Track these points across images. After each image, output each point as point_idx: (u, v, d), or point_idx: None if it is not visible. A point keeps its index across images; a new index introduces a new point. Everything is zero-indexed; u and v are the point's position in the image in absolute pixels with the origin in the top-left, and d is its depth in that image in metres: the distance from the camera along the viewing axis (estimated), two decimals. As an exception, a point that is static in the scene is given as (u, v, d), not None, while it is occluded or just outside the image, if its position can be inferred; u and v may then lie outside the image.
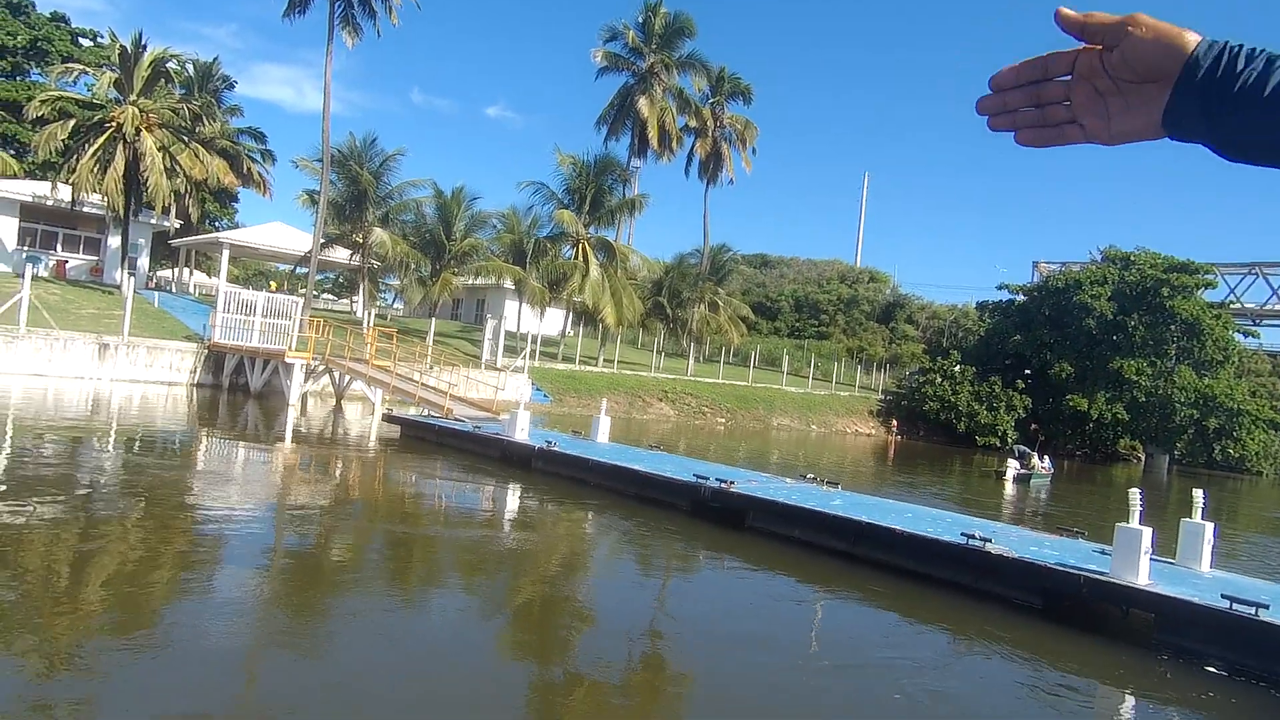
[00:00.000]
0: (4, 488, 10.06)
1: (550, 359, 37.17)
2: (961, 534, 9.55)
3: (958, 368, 44.97)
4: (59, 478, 11.15)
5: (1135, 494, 8.57)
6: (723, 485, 11.91)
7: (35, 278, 25.00)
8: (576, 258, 37.84)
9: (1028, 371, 44.38)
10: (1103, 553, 9.37)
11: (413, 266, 35.58)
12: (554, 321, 44.66)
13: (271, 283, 49.71)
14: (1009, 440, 40.94)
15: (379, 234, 34.23)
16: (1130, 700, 6.99)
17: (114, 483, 11.30)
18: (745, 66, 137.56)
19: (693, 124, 47.38)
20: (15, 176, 30.24)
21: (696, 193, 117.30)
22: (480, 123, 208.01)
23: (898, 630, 8.16)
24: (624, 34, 44.43)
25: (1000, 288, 50.66)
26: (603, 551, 10.82)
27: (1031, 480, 25.59)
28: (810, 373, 48.86)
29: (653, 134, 44.03)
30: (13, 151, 36.00)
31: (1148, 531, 8.21)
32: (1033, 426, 42.98)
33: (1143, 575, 8.11)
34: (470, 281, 41.72)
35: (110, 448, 14.19)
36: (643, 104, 43.72)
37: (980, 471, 30.01)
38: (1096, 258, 48.85)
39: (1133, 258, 44.91)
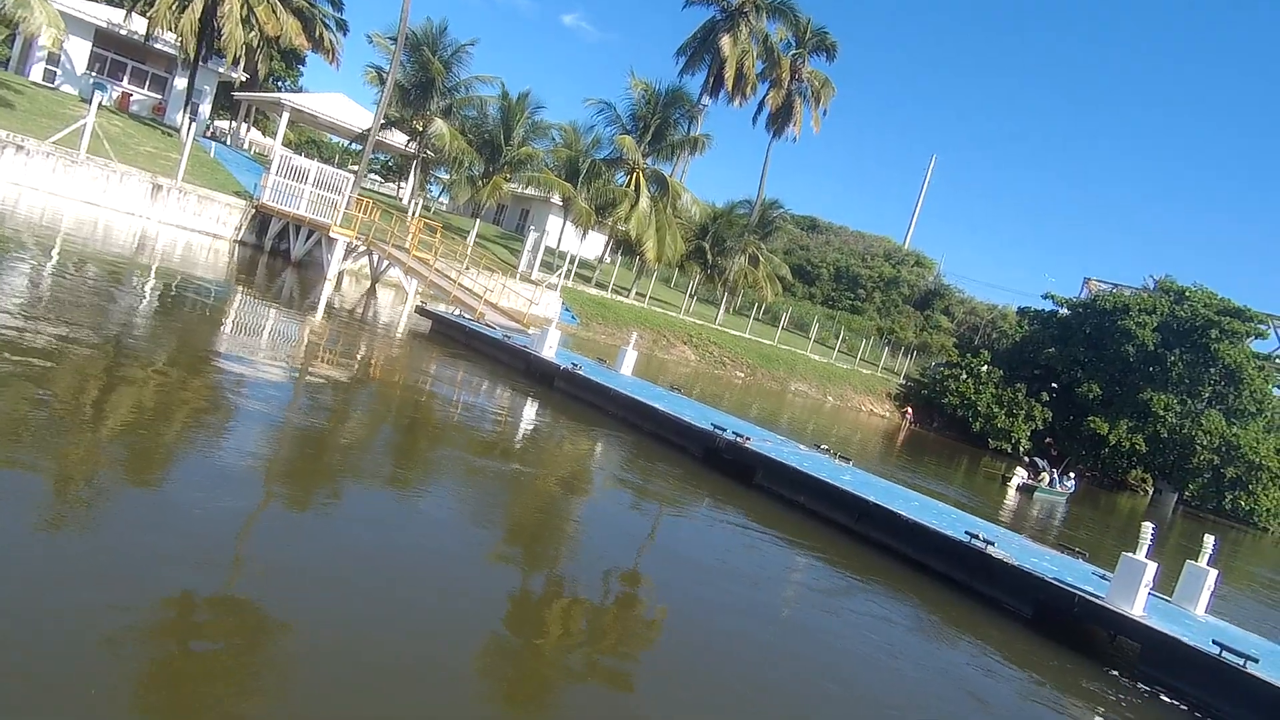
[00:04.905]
0: (49, 311, 10.32)
1: (584, 282, 37.12)
2: (966, 532, 9.61)
3: (985, 368, 44.59)
4: (98, 308, 11.40)
5: (1148, 528, 8.56)
6: (738, 439, 12.00)
7: (100, 106, 25.07)
8: (629, 185, 37.41)
9: (1055, 385, 43.92)
10: (1102, 577, 9.42)
11: (466, 164, 35.34)
12: (594, 245, 44.44)
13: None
14: (1021, 448, 40.77)
15: (439, 125, 33.91)
16: (1097, 717, 7.12)
17: (147, 324, 11.54)
18: (832, 21, 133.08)
19: (770, 73, 46.11)
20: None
21: (759, 143, 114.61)
22: (555, 30, 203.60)
23: (884, 611, 8.29)
24: (721, -35, 42.95)
25: (1045, 296, 49.84)
26: (605, 481, 10.98)
27: (1035, 493, 25.56)
28: (837, 344, 48.58)
29: (729, 75, 42.91)
30: (93, -26, 35.68)
31: (1152, 566, 8.23)
32: (1047, 440, 42.78)
33: (1138, 606, 8.16)
34: (519, 189, 41.43)
35: (149, 289, 14.45)
36: (725, 42, 42.53)
37: (985, 473, 30.00)
38: (1150, 286, 47.77)
39: (1187, 293, 43.88)
